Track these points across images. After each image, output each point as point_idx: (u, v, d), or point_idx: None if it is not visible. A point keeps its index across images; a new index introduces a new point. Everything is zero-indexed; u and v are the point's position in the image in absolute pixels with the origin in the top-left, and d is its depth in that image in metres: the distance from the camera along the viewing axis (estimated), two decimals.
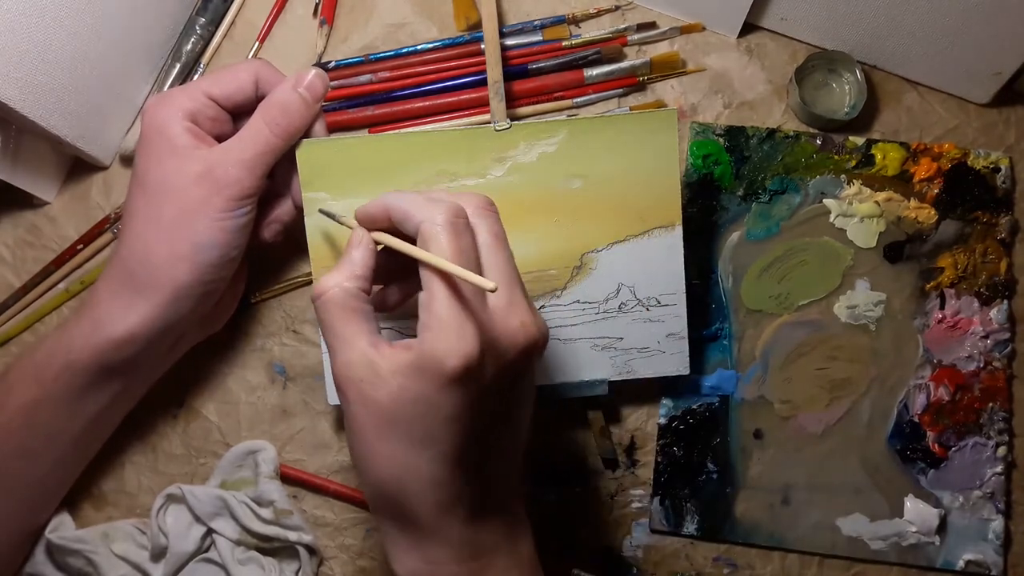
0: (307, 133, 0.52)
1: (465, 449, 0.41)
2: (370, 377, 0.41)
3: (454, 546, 0.42)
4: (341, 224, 0.49)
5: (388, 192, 0.44)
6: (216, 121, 0.51)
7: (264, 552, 0.56)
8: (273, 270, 0.60)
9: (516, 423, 0.45)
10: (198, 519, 0.56)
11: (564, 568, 0.57)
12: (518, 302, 0.42)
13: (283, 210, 0.54)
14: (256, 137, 0.50)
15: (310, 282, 0.59)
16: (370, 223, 0.45)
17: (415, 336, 0.41)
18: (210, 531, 0.56)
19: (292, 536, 0.56)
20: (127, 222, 0.50)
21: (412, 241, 0.42)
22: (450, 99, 0.61)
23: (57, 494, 0.56)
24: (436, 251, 0.40)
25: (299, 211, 0.54)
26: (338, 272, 0.43)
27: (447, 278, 0.40)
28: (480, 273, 0.41)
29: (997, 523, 0.57)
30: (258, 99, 0.51)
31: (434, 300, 0.40)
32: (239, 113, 0.52)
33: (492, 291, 0.38)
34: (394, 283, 0.49)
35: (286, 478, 0.58)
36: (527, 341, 0.42)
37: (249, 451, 0.58)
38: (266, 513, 0.56)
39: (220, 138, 0.51)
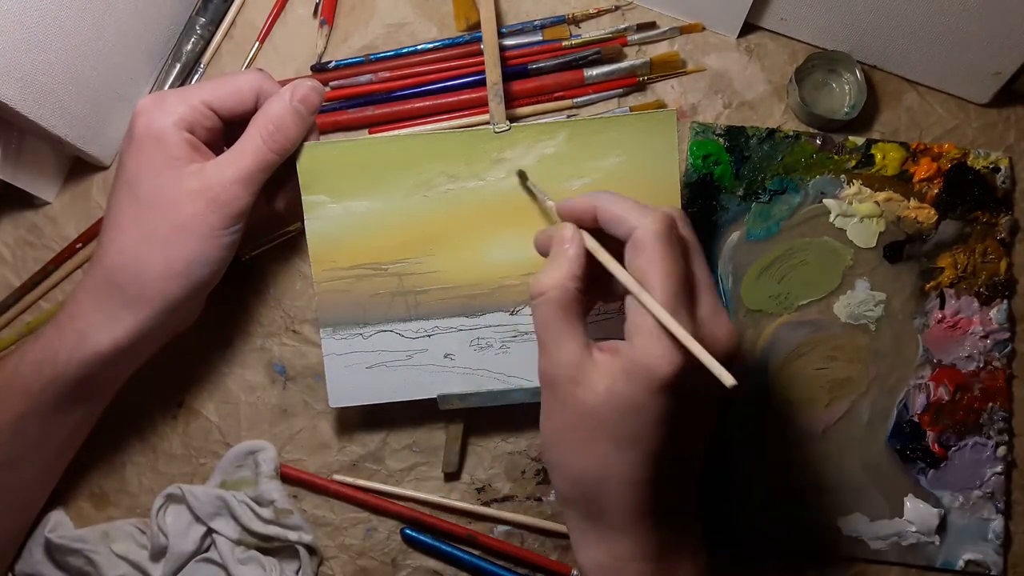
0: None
1: (666, 453, 0.41)
2: (580, 378, 0.41)
3: (641, 545, 0.43)
4: (543, 205, 0.49)
5: (600, 192, 0.44)
6: (212, 131, 0.50)
7: (264, 552, 0.56)
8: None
9: (704, 433, 0.45)
10: (198, 519, 0.56)
11: (564, 568, 0.57)
12: (721, 311, 0.43)
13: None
14: (254, 153, 0.49)
15: (299, 234, 0.59)
16: (572, 219, 0.44)
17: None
18: (210, 531, 0.56)
19: (292, 536, 0.56)
20: (113, 230, 0.49)
21: (613, 244, 0.42)
22: (450, 99, 0.61)
23: (40, 499, 0.56)
24: (648, 259, 0.40)
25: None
26: (557, 270, 0.42)
27: (660, 282, 0.40)
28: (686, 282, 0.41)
29: (997, 523, 0.57)
30: (255, 112, 0.50)
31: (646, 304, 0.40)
32: (235, 125, 0.51)
33: (730, 387, 0.37)
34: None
35: (286, 478, 0.58)
36: (729, 350, 0.42)
37: (249, 451, 0.58)
38: (266, 513, 0.56)
39: (211, 146, 0.50)
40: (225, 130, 0.51)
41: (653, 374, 0.39)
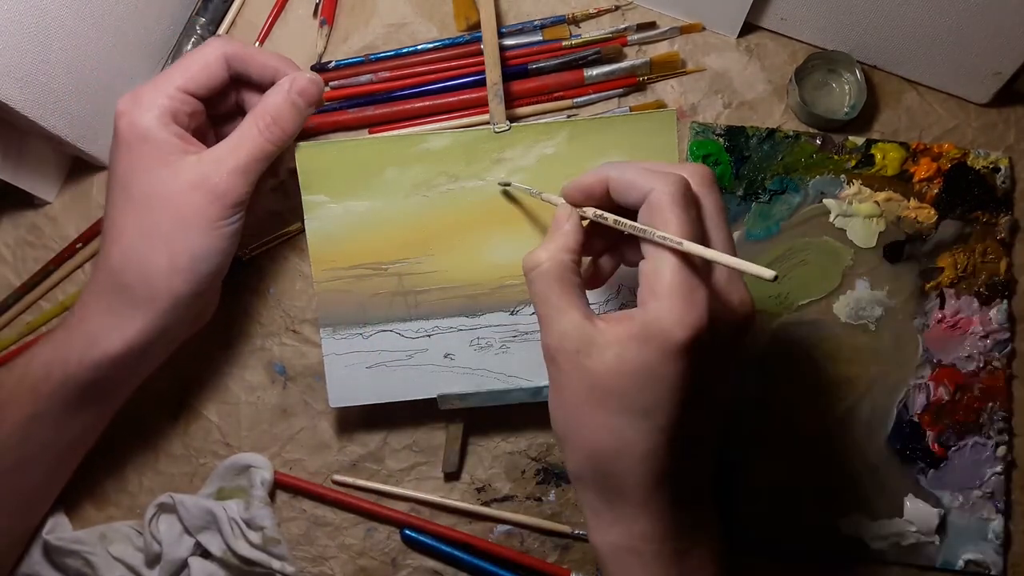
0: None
1: (681, 422, 0.40)
2: (586, 347, 0.40)
3: (657, 524, 0.42)
4: (539, 199, 0.48)
5: (609, 163, 0.43)
6: (194, 116, 0.50)
7: (243, 574, 0.56)
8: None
9: (720, 404, 0.44)
10: (187, 531, 0.56)
11: (564, 569, 0.57)
12: (737, 279, 0.42)
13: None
14: (252, 144, 0.49)
15: (299, 234, 0.59)
16: (581, 196, 0.44)
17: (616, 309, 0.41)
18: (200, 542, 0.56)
19: (275, 565, 0.55)
20: (114, 234, 0.49)
21: (626, 213, 0.42)
22: (450, 99, 0.61)
23: (47, 501, 0.56)
24: (664, 222, 0.39)
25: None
26: (551, 244, 0.42)
27: (674, 248, 0.39)
28: (706, 245, 0.40)
29: (997, 523, 0.57)
30: (232, 78, 0.51)
31: (662, 270, 0.39)
32: (214, 100, 0.51)
33: (771, 280, 0.35)
34: (597, 257, 0.48)
35: (284, 486, 0.58)
36: (745, 318, 0.42)
37: (247, 465, 0.57)
38: (255, 537, 0.55)
39: (197, 129, 0.51)
40: (207, 109, 0.51)
41: (670, 337, 0.38)
